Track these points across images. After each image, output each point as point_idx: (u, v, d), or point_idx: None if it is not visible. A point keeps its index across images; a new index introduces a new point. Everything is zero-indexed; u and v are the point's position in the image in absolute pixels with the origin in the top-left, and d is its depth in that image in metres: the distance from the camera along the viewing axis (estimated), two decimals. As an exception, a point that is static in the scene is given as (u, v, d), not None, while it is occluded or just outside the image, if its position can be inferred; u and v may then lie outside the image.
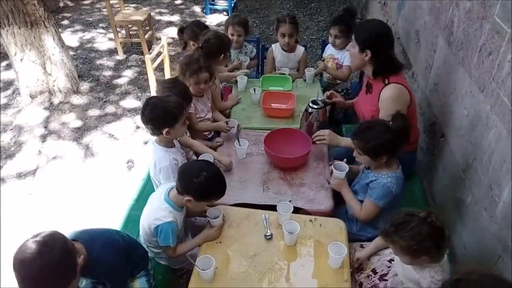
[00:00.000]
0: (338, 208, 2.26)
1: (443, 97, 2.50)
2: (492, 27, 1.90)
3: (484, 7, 1.99)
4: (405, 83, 2.26)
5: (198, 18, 6.33)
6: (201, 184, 1.77)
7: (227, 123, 2.60)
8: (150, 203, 1.95)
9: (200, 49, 2.70)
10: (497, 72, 1.83)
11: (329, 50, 3.32)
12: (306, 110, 2.56)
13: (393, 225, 1.51)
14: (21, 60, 4.03)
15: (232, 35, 3.28)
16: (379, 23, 2.40)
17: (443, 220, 1.50)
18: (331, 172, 2.14)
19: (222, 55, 2.79)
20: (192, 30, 3.05)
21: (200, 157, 2.29)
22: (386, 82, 2.24)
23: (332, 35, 3.15)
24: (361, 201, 2.04)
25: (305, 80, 3.20)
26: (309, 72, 3.17)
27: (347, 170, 2.11)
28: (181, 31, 3.13)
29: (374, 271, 1.87)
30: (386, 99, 2.21)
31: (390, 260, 1.82)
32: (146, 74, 3.73)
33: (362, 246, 1.98)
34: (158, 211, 1.85)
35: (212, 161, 2.22)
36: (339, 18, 3.19)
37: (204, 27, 3.12)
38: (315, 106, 2.51)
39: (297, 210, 2.11)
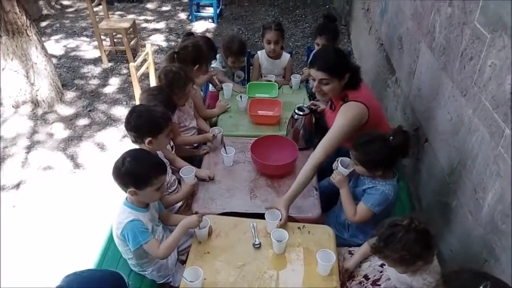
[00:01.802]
0: (327, 213, 2.27)
1: (426, 102, 2.53)
2: (472, 32, 1.93)
3: (464, 13, 2.02)
4: (364, 98, 2.21)
5: (183, 25, 6.33)
6: (128, 171, 1.72)
7: (214, 135, 2.56)
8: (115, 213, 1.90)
9: (175, 54, 2.69)
10: (478, 76, 1.86)
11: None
12: (292, 116, 2.56)
13: (381, 239, 1.51)
14: (3, 69, 3.96)
15: (234, 62, 3.27)
16: (331, 48, 2.46)
17: (425, 221, 1.52)
18: (336, 167, 2.11)
19: (197, 65, 2.75)
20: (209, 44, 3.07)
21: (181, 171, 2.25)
22: (346, 100, 2.22)
23: (319, 44, 3.15)
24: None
25: (291, 87, 3.22)
26: (295, 78, 3.19)
27: (351, 169, 2.07)
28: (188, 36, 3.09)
29: (366, 277, 1.86)
30: (342, 117, 2.17)
31: (382, 265, 1.82)
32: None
33: (350, 252, 1.99)
34: (119, 216, 1.81)
35: (193, 176, 2.21)
36: (324, 27, 3.21)
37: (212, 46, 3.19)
38: (301, 113, 2.52)
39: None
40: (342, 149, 2.27)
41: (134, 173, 1.74)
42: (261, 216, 2.04)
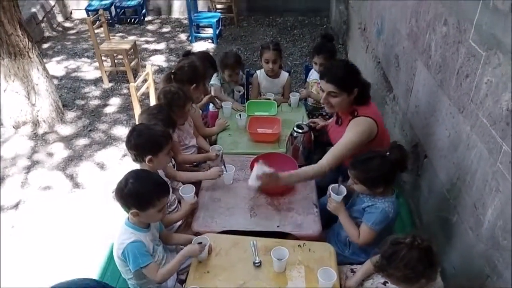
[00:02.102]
0: (327, 230, 2.26)
1: (424, 119, 2.55)
2: (467, 50, 1.97)
3: (459, 31, 2.07)
4: (373, 114, 2.26)
5: (183, 46, 6.42)
6: (131, 192, 1.72)
7: (216, 155, 2.56)
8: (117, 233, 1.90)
9: (172, 75, 2.72)
10: (475, 93, 1.89)
11: (313, 75, 3.38)
12: (291, 134, 2.58)
13: (384, 258, 1.50)
14: (4, 91, 4.00)
15: (231, 75, 3.32)
16: (342, 61, 2.44)
17: (428, 239, 1.51)
18: (329, 195, 2.13)
19: (194, 85, 2.77)
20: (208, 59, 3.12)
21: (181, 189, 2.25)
22: (355, 115, 2.25)
23: (317, 63, 3.20)
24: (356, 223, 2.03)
25: (290, 105, 3.24)
26: (294, 96, 3.22)
27: (344, 194, 2.09)
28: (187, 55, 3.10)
29: (368, 294, 1.85)
30: (351, 132, 2.20)
31: (385, 283, 1.80)
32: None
33: (352, 271, 1.97)
34: (121, 236, 1.80)
35: (193, 195, 2.21)
36: (321, 46, 3.26)
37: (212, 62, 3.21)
38: (300, 131, 2.54)
39: (285, 235, 2.10)
40: (342, 166, 2.29)
41: (136, 194, 1.74)
42: (261, 234, 2.04)
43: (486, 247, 1.75)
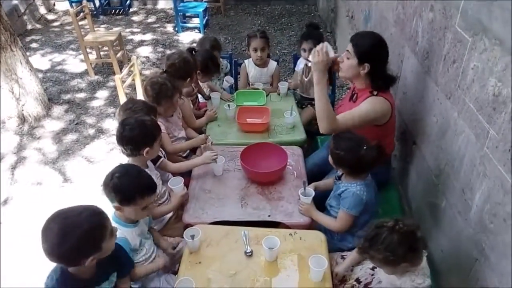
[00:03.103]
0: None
1: (412, 105, 2.56)
2: (454, 36, 1.97)
3: (445, 17, 2.07)
4: (391, 100, 2.27)
5: (170, 37, 6.34)
6: (114, 186, 1.70)
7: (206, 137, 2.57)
8: None
9: (164, 73, 2.67)
10: (461, 79, 1.89)
11: (302, 64, 3.36)
12: (306, 65, 2.52)
13: (367, 240, 1.55)
14: (-13, 85, 3.92)
15: None
16: (378, 36, 2.34)
17: (412, 223, 1.54)
18: (299, 199, 2.17)
19: (189, 78, 2.74)
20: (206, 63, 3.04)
21: (170, 182, 2.24)
22: (375, 94, 2.24)
23: (306, 49, 3.18)
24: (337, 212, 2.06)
25: (279, 94, 3.23)
26: (283, 86, 3.21)
27: (312, 195, 2.15)
28: (191, 52, 2.95)
29: (358, 280, 1.87)
30: (367, 105, 2.20)
31: (373, 268, 1.83)
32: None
33: (342, 257, 1.99)
34: None
35: (182, 186, 2.21)
36: (309, 33, 3.25)
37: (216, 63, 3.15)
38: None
39: (276, 224, 2.11)
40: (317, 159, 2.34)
41: (119, 189, 1.72)
42: (252, 223, 2.04)
43: (474, 231, 1.77)
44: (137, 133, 2.01)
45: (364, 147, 1.93)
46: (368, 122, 2.19)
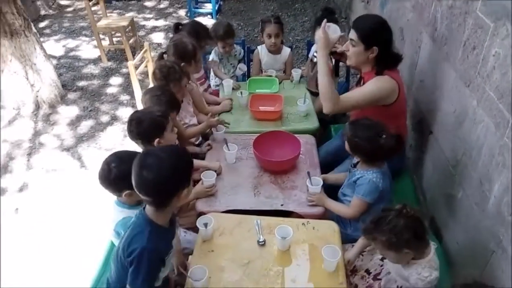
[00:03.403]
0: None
1: (429, 94, 2.50)
2: (475, 22, 1.90)
3: (466, 2, 2.00)
4: (398, 79, 2.23)
5: (182, 22, 6.28)
6: (119, 175, 1.67)
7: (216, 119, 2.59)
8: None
9: (163, 54, 2.69)
10: (481, 66, 1.84)
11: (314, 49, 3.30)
12: (311, 60, 2.51)
13: (372, 221, 1.55)
14: (2, 71, 3.95)
15: (224, 47, 3.27)
16: (378, 17, 2.32)
17: (418, 211, 1.55)
18: (307, 190, 2.14)
19: (184, 63, 2.67)
20: (193, 27, 3.03)
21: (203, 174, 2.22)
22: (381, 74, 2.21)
23: None
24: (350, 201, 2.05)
25: (292, 81, 3.19)
26: (296, 73, 3.16)
27: (321, 184, 2.12)
28: (177, 28, 3.06)
29: (367, 271, 1.86)
30: (371, 83, 2.17)
31: (382, 259, 1.82)
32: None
33: (352, 248, 1.97)
34: (113, 217, 1.80)
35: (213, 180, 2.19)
36: (323, 18, 3.18)
37: (206, 30, 3.11)
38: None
39: (289, 214, 2.10)
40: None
41: (126, 175, 1.66)
42: (265, 212, 2.04)
43: (492, 223, 1.74)
44: (145, 126, 2.01)
45: (383, 136, 1.89)
46: (373, 102, 2.16)
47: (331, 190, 2.18)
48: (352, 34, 2.21)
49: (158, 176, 1.41)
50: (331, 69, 2.23)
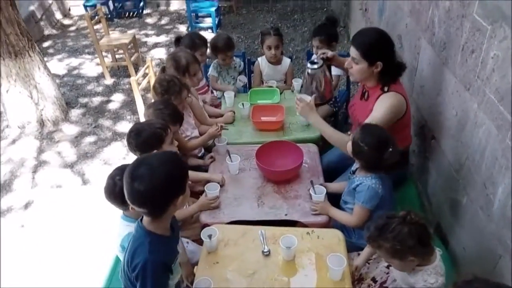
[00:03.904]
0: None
1: (430, 99, 2.50)
2: (472, 25, 1.91)
3: (463, 5, 2.01)
4: (403, 92, 2.21)
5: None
6: (121, 190, 1.60)
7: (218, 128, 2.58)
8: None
9: (164, 69, 2.72)
10: (481, 69, 1.84)
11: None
12: (307, 73, 2.52)
13: (377, 229, 1.53)
14: (7, 91, 4.01)
15: (224, 59, 3.30)
16: (377, 30, 2.29)
17: (422, 217, 1.53)
18: (311, 198, 2.14)
19: (187, 74, 2.72)
20: (190, 38, 3.08)
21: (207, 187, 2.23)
22: (385, 90, 2.18)
23: (314, 46, 3.16)
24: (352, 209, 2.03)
25: (293, 91, 3.20)
26: (297, 82, 3.17)
27: (325, 192, 2.12)
28: (177, 41, 3.12)
29: (373, 279, 1.84)
30: (382, 107, 2.14)
31: (388, 266, 1.80)
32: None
33: (359, 255, 1.96)
34: (119, 232, 1.78)
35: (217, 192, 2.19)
36: (319, 29, 3.21)
37: (202, 39, 3.16)
38: (315, 66, 2.47)
39: (293, 223, 2.09)
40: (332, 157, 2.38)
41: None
42: (269, 223, 2.03)
43: (498, 227, 1.72)
44: (143, 138, 2.03)
45: (390, 150, 1.86)
46: (388, 124, 2.11)
47: (334, 198, 2.17)
48: (353, 52, 2.17)
49: (151, 187, 1.34)
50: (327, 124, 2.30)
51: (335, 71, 3.10)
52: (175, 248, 1.59)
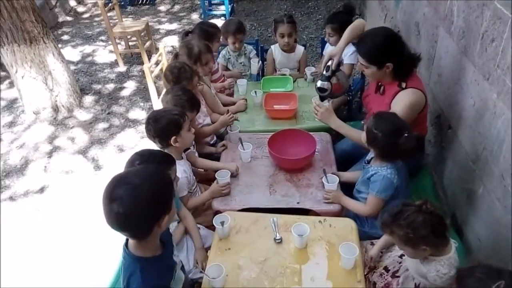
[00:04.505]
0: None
1: (447, 88, 2.45)
2: (493, 13, 1.86)
3: (484, -7, 1.95)
4: (421, 86, 2.17)
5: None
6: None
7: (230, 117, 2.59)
8: None
9: (177, 55, 2.72)
10: (501, 58, 1.79)
11: (329, 48, 3.27)
12: (320, 98, 2.47)
13: (391, 215, 1.52)
14: (22, 77, 4.04)
15: (234, 43, 3.28)
16: (379, 33, 2.23)
17: (439, 207, 1.52)
18: (323, 186, 2.13)
19: (197, 63, 2.70)
20: (202, 29, 3.05)
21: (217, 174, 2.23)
22: (403, 87, 2.14)
23: (327, 33, 3.12)
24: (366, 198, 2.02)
25: (306, 80, 3.17)
26: (310, 71, 3.14)
27: (338, 181, 2.11)
28: (186, 35, 3.11)
29: (386, 268, 1.83)
30: (402, 104, 2.10)
31: (401, 256, 1.79)
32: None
33: (372, 244, 1.95)
34: None
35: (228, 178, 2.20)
36: (333, 16, 3.16)
37: (214, 26, 3.13)
38: (326, 94, 2.41)
39: (305, 212, 2.09)
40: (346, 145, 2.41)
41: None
42: (281, 210, 2.03)
43: (515, 218, 1.69)
44: (162, 124, 2.05)
45: (405, 135, 1.83)
46: (409, 120, 2.06)
47: (347, 188, 2.15)
48: (360, 59, 2.19)
49: (133, 209, 1.20)
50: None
51: (348, 59, 3.05)
52: (170, 263, 1.49)
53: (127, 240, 1.35)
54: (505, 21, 1.74)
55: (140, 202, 1.21)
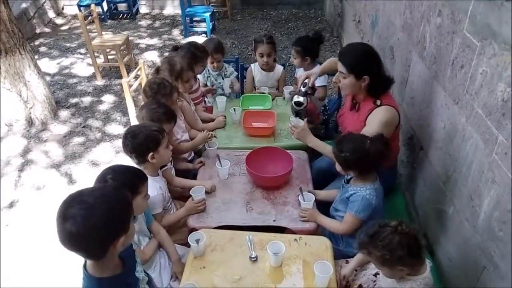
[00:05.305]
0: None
1: (419, 110, 2.54)
2: (462, 41, 1.95)
3: (454, 22, 2.05)
4: (395, 104, 2.25)
5: (177, 41, 6.36)
6: None
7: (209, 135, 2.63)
8: None
9: (158, 71, 2.72)
10: (470, 84, 1.87)
11: (300, 71, 3.28)
12: (295, 113, 2.55)
13: (368, 236, 1.54)
14: (-4, 88, 3.95)
15: (212, 62, 3.29)
16: (363, 46, 2.34)
17: (414, 228, 1.54)
18: (299, 204, 2.16)
19: (179, 80, 2.71)
20: (189, 50, 3.02)
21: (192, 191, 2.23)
22: (379, 104, 2.21)
23: (292, 54, 3.22)
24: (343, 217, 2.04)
25: (284, 98, 3.22)
26: (288, 90, 3.20)
27: (314, 199, 2.14)
28: (175, 49, 3.08)
29: (360, 287, 1.85)
30: (376, 121, 2.17)
31: (376, 274, 1.81)
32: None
33: (347, 262, 1.97)
34: None
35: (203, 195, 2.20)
36: (299, 40, 3.23)
37: (202, 51, 3.09)
38: (302, 108, 2.50)
39: (281, 230, 2.09)
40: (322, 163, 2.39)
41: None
42: (257, 228, 2.03)
43: (482, 239, 1.75)
44: (139, 140, 2.03)
45: (368, 141, 1.90)
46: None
47: (323, 206, 2.18)
48: (340, 67, 2.25)
49: (86, 229, 1.15)
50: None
51: (320, 82, 3.10)
52: (132, 281, 1.45)
53: (85, 260, 1.31)
54: (473, 49, 1.83)
55: (93, 223, 1.17)
